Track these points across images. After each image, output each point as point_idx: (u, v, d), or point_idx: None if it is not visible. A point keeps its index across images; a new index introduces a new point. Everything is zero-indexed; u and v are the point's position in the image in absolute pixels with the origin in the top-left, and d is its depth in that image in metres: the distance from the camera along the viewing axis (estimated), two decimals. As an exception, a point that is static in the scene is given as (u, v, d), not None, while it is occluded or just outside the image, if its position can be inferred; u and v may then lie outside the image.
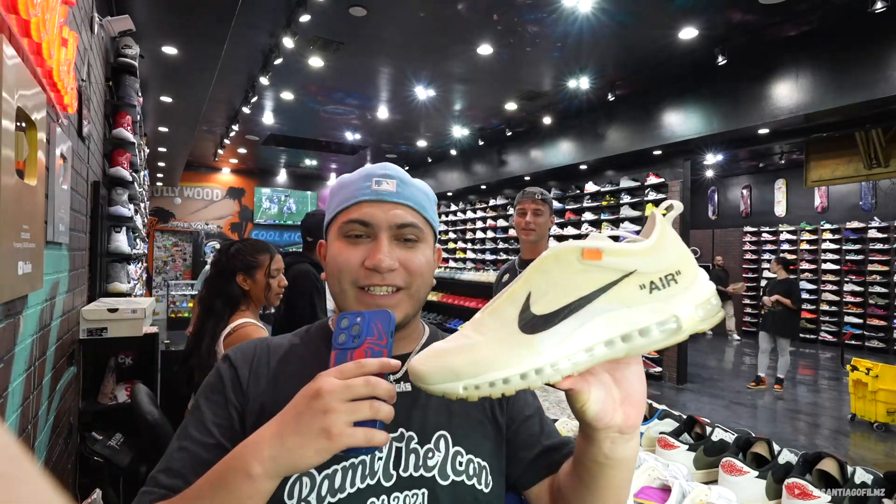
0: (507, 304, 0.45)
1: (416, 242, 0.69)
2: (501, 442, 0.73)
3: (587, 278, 0.43)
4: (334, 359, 0.57)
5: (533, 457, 0.74)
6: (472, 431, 0.69)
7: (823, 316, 9.00)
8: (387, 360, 0.54)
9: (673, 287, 0.43)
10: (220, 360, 0.71)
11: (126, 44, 3.25)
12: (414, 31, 4.52)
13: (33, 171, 1.30)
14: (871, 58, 4.07)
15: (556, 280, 0.44)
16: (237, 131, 7.72)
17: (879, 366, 4.40)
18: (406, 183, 0.70)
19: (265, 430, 0.54)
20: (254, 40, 4.69)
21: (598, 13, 4.08)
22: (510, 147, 8.19)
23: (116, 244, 3.04)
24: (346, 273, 0.67)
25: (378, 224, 0.67)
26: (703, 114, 5.42)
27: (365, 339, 0.56)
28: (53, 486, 0.17)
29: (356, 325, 0.57)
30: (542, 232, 2.13)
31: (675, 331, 0.43)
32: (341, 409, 0.50)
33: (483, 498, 0.66)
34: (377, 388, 0.52)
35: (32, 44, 1.28)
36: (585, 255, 0.43)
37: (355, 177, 0.71)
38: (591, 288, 0.43)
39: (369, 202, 0.68)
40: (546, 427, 0.77)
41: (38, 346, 1.58)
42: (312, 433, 0.50)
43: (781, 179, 9.88)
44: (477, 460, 0.67)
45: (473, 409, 0.71)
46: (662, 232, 0.44)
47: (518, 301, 0.45)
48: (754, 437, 1.03)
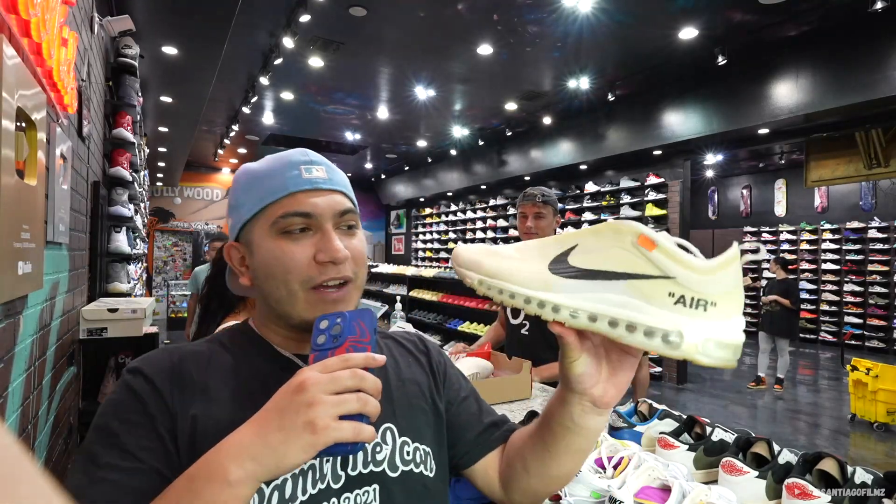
0: (553, 244, 0.50)
1: (354, 228, 0.67)
2: (442, 426, 0.74)
3: (629, 259, 0.45)
4: (313, 360, 0.54)
5: (476, 434, 0.76)
6: (414, 420, 0.70)
7: (823, 316, 9.00)
8: (371, 354, 0.52)
9: (699, 311, 0.43)
10: (127, 373, 0.60)
11: (126, 44, 3.25)
12: (414, 31, 4.52)
13: (33, 171, 1.30)
14: (871, 58, 4.07)
15: (603, 246, 0.46)
16: (237, 131, 7.72)
17: (879, 366, 4.40)
18: (331, 168, 0.67)
19: (241, 431, 0.50)
20: (254, 40, 4.69)
21: (598, 13, 4.08)
22: (510, 147, 8.19)
23: (116, 244, 3.04)
24: (296, 273, 0.61)
25: (322, 214, 0.62)
26: (703, 114, 5.42)
27: (347, 338, 0.54)
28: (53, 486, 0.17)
29: (336, 326, 0.55)
30: (544, 235, 2.04)
31: (673, 346, 0.43)
32: (327, 402, 0.48)
33: (430, 483, 0.67)
34: (364, 380, 0.50)
35: (32, 44, 1.28)
36: (640, 241, 0.44)
37: (272, 166, 0.64)
38: (627, 268, 0.45)
39: (306, 192, 0.62)
40: (483, 405, 0.80)
41: (38, 346, 1.58)
42: (297, 428, 0.48)
43: (781, 179, 9.88)
44: (423, 447, 0.68)
45: (414, 397, 0.71)
46: (727, 265, 0.43)
47: (564, 246, 0.48)
48: (754, 437, 1.03)
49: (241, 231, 0.65)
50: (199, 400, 0.59)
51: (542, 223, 2.02)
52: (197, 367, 0.62)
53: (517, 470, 0.71)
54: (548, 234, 2.05)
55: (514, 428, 0.78)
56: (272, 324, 0.67)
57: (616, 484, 0.87)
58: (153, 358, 0.63)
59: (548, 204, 2.02)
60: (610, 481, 0.88)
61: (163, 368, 0.61)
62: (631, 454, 0.94)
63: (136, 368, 0.61)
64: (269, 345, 0.67)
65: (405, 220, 13.25)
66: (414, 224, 12.76)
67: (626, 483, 0.86)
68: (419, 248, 12.36)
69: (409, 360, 0.76)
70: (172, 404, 0.58)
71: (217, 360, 0.64)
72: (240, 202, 0.65)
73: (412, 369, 0.75)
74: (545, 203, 2.02)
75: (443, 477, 0.72)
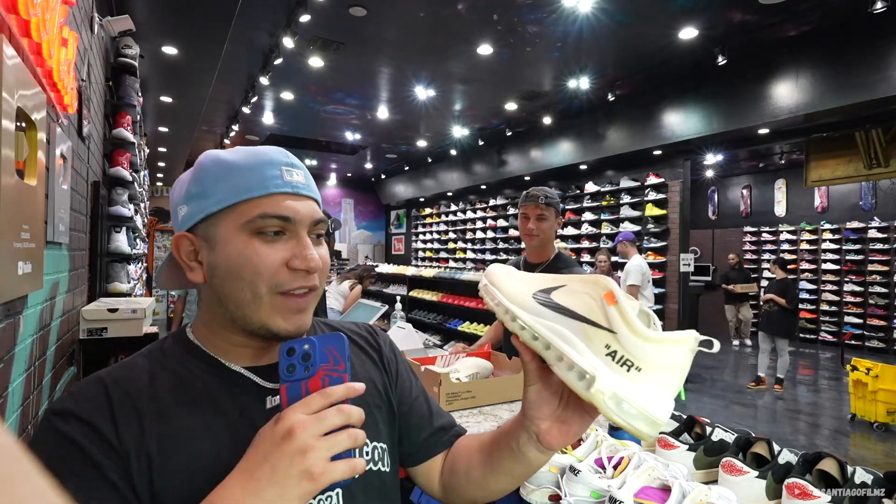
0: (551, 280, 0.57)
1: (322, 238, 0.65)
2: (395, 422, 0.75)
3: (592, 307, 0.51)
4: (286, 392, 0.51)
5: (426, 437, 0.77)
6: (372, 419, 0.70)
7: (823, 316, 9.00)
8: (352, 385, 0.51)
9: (622, 369, 0.47)
10: (55, 417, 0.52)
11: (126, 44, 3.25)
12: (414, 31, 4.52)
13: (33, 171, 1.30)
14: (871, 58, 4.07)
15: (582, 291, 0.53)
16: (237, 131, 7.72)
17: (879, 366, 4.40)
18: (308, 174, 0.65)
19: (229, 487, 0.47)
20: (254, 40, 4.69)
21: (597, 13, 4.08)
22: (510, 147, 8.19)
23: (116, 244, 3.04)
24: (265, 276, 0.57)
25: (301, 220, 0.60)
26: (703, 114, 5.42)
27: (319, 366, 0.52)
28: (53, 486, 0.17)
29: (306, 353, 0.52)
30: (546, 237, 2.04)
31: (585, 386, 0.47)
32: (320, 446, 0.47)
33: (386, 478, 0.69)
34: (351, 415, 0.50)
35: (32, 44, 1.28)
36: (606, 295, 0.50)
37: (251, 160, 0.60)
38: (586, 313, 0.51)
39: (285, 195, 0.59)
40: (433, 406, 0.81)
41: (38, 346, 1.58)
42: (292, 479, 0.46)
43: (781, 179, 9.88)
44: (380, 445, 0.69)
45: (370, 395, 0.71)
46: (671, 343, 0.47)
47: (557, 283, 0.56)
48: (754, 437, 1.03)
49: (201, 223, 0.59)
50: (148, 431, 0.54)
51: (543, 225, 2.01)
52: (139, 394, 0.56)
53: (459, 476, 0.73)
54: (549, 236, 2.05)
55: (460, 433, 0.81)
56: (223, 330, 0.62)
57: (616, 484, 0.87)
58: (84, 393, 0.55)
59: (550, 206, 2.01)
60: (610, 481, 0.88)
61: (98, 405, 0.54)
62: (631, 454, 0.94)
63: (64, 411, 0.53)
64: (215, 358, 0.62)
65: (405, 220, 13.25)
66: (414, 224, 12.76)
67: (626, 483, 0.86)
68: (419, 248, 12.36)
69: (363, 357, 0.76)
70: (119, 444, 0.52)
71: (160, 381, 0.58)
72: (206, 191, 0.59)
73: (366, 367, 0.74)
74: (548, 205, 2.01)
75: (396, 471, 0.74)
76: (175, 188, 0.63)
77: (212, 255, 0.59)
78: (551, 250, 2.10)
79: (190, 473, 0.53)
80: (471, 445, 0.75)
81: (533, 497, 0.98)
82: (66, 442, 0.51)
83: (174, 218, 0.62)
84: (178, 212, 0.61)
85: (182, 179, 0.63)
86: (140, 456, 0.52)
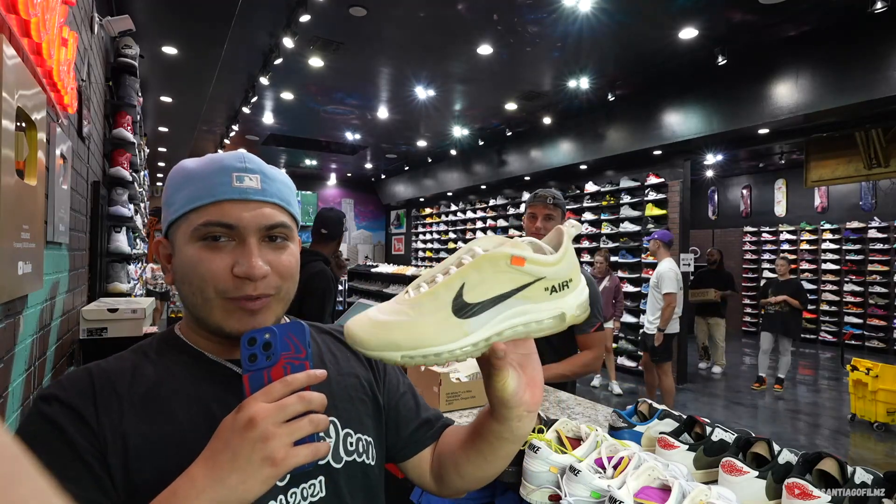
0: (444, 290, 0.54)
1: (285, 241, 0.64)
2: (381, 417, 0.77)
3: (511, 277, 0.54)
4: (248, 381, 0.53)
5: (413, 430, 0.80)
6: (356, 411, 0.72)
7: (823, 316, 9.00)
8: (313, 371, 0.53)
9: (565, 291, 0.57)
10: (41, 401, 0.56)
11: (126, 44, 3.25)
12: (414, 31, 4.52)
13: (33, 171, 1.30)
14: (871, 58, 4.07)
15: (487, 277, 0.53)
16: (237, 131, 7.72)
17: (879, 366, 4.40)
18: (270, 177, 0.64)
19: (192, 474, 0.49)
20: (254, 40, 4.69)
21: (598, 13, 4.08)
22: (510, 147, 8.19)
23: (116, 244, 3.04)
24: (210, 282, 0.59)
25: (245, 227, 0.60)
26: (703, 114, 5.42)
27: (280, 355, 0.53)
28: (53, 486, 0.17)
29: (267, 343, 0.53)
30: None
31: (560, 323, 0.56)
32: (281, 433, 0.48)
33: (370, 471, 0.71)
34: (312, 401, 0.51)
35: (32, 44, 1.28)
36: (513, 261, 0.53)
37: (206, 168, 0.61)
38: (513, 285, 0.54)
39: (231, 201, 0.60)
40: (419, 401, 0.84)
41: (38, 346, 1.58)
42: (254, 465, 0.48)
43: (781, 179, 9.88)
44: (364, 437, 0.71)
45: (353, 389, 0.73)
46: (567, 246, 0.57)
47: (453, 289, 0.53)
48: (754, 437, 1.03)
49: (169, 229, 0.63)
50: (128, 416, 0.56)
51: (550, 225, 2.04)
52: (121, 381, 0.59)
53: (449, 470, 0.76)
54: None
55: (448, 423, 0.84)
56: (197, 327, 0.65)
57: (616, 484, 0.87)
58: (70, 380, 0.58)
59: (558, 207, 2.06)
60: (610, 481, 0.88)
61: (82, 390, 0.57)
62: (631, 454, 0.94)
63: (49, 395, 0.56)
64: (200, 352, 0.65)
65: (405, 220, 13.25)
66: (414, 224, 12.76)
67: (626, 483, 0.86)
68: (419, 248, 12.36)
69: (347, 354, 0.77)
70: (98, 427, 0.55)
71: (143, 371, 0.61)
72: (170, 200, 0.62)
73: (350, 363, 0.76)
74: (555, 206, 2.05)
75: (381, 464, 0.75)
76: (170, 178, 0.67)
77: (174, 261, 0.63)
78: None
79: (164, 458, 0.55)
80: (457, 435, 0.77)
81: (533, 497, 0.98)
82: (46, 422, 0.54)
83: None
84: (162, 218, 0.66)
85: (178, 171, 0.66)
86: (116, 440, 0.55)
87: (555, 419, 1.11)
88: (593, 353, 2.00)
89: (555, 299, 0.56)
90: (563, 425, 1.07)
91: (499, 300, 0.54)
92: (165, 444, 0.56)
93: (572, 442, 1.04)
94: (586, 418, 1.48)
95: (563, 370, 1.95)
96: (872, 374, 4.38)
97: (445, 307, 0.53)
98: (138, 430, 0.56)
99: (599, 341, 2.03)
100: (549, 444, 0.99)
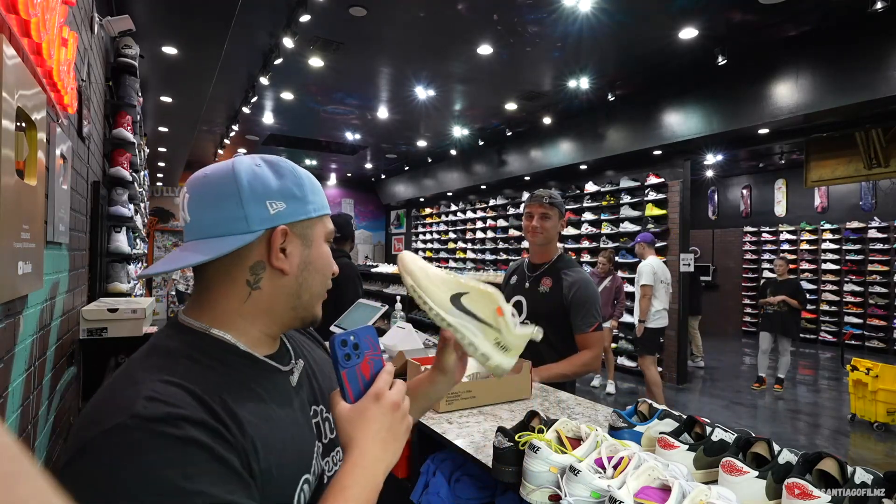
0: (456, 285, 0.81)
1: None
2: None
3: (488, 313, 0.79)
4: (347, 376, 0.66)
5: None
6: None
7: (823, 316, 9.00)
8: (391, 365, 0.70)
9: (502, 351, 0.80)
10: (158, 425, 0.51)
11: (126, 44, 3.25)
12: (414, 31, 4.52)
13: (33, 171, 1.30)
14: (871, 58, 4.06)
15: (481, 303, 0.80)
16: (237, 131, 7.72)
17: (879, 366, 4.40)
18: None
19: (363, 452, 0.63)
20: (254, 40, 4.69)
21: (598, 13, 4.08)
22: (510, 147, 8.19)
23: (116, 244, 3.04)
24: (330, 277, 0.75)
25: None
26: (703, 114, 5.42)
27: (364, 353, 0.68)
28: (53, 486, 0.17)
29: (356, 344, 0.67)
30: (549, 235, 2.10)
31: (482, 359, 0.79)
32: (407, 408, 0.68)
33: None
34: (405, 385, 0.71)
35: (32, 44, 1.28)
36: (497, 309, 0.79)
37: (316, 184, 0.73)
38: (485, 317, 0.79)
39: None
40: None
41: (38, 346, 1.58)
42: (402, 435, 0.67)
43: (781, 179, 9.88)
44: None
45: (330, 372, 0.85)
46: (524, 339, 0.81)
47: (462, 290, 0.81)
48: (754, 437, 1.03)
49: (299, 222, 0.68)
50: (245, 421, 0.58)
51: (547, 224, 2.08)
52: (213, 391, 0.58)
53: None
54: (553, 235, 2.12)
55: None
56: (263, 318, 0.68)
57: (616, 484, 0.87)
58: (173, 398, 0.54)
59: (554, 206, 2.08)
60: (610, 481, 0.88)
61: (193, 404, 0.54)
62: (631, 454, 0.94)
63: (168, 416, 0.52)
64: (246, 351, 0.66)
65: (405, 220, 13.24)
66: (414, 224, 12.75)
67: (626, 483, 0.86)
68: (419, 248, 12.36)
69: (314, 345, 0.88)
70: (233, 438, 0.55)
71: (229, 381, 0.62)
72: (307, 197, 0.69)
73: (322, 354, 0.88)
74: (552, 205, 2.08)
75: None
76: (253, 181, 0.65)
77: (306, 252, 0.69)
78: (554, 251, 2.16)
79: (279, 451, 0.62)
80: None
81: (533, 497, 0.98)
82: (188, 444, 0.51)
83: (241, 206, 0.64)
84: (269, 206, 0.65)
85: (260, 174, 0.66)
86: (247, 444, 0.57)
87: (555, 419, 1.11)
88: (592, 352, 2.02)
89: (493, 348, 0.79)
90: (563, 425, 1.07)
91: (472, 316, 0.80)
92: (275, 440, 0.62)
93: (572, 442, 1.04)
94: (586, 418, 1.48)
95: (564, 370, 1.97)
96: (872, 374, 4.38)
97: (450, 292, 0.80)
98: (258, 432, 0.59)
99: (598, 341, 2.04)
100: (549, 444, 0.99)
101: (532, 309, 2.09)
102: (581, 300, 2.02)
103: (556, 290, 2.06)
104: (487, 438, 1.28)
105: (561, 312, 2.04)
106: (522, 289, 2.16)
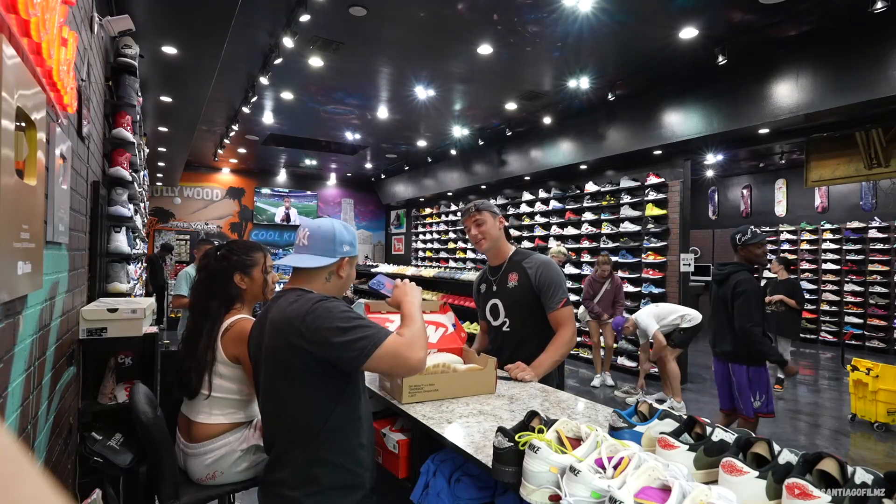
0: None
1: None
2: None
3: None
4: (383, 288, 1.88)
5: None
6: None
7: (824, 316, 9.00)
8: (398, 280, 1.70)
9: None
10: (334, 301, 1.36)
11: (126, 44, 3.24)
12: (414, 31, 4.52)
13: (33, 171, 1.30)
14: (871, 58, 4.07)
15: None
16: (237, 131, 7.72)
17: (880, 366, 4.40)
18: None
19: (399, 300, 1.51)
20: (254, 40, 4.69)
21: (598, 13, 4.08)
22: (510, 147, 8.19)
23: (116, 244, 3.04)
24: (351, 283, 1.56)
25: None
26: (703, 114, 5.42)
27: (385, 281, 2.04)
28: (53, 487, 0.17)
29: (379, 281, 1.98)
30: (493, 236, 2.23)
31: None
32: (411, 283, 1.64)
33: None
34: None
35: (32, 44, 1.28)
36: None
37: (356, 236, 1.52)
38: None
39: None
40: None
41: (37, 346, 1.58)
42: (414, 289, 1.55)
43: (781, 179, 9.88)
44: None
45: None
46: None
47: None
48: (754, 437, 1.03)
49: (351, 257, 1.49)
50: None
51: (484, 228, 2.22)
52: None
53: None
54: (496, 235, 2.25)
55: None
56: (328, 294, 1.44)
57: (616, 484, 0.87)
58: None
59: (481, 210, 2.23)
60: (610, 481, 0.88)
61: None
62: (631, 454, 0.94)
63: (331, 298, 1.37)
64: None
65: (405, 220, 13.24)
66: (414, 224, 12.75)
67: (626, 483, 0.86)
68: (419, 248, 12.36)
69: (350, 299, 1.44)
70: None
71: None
72: (355, 246, 1.50)
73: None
74: (479, 210, 2.22)
75: None
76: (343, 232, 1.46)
77: (349, 271, 1.49)
78: (507, 249, 2.29)
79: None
80: None
81: (533, 497, 0.98)
82: (346, 306, 1.36)
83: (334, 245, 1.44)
84: (343, 246, 1.45)
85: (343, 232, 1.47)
86: None
87: (555, 419, 1.11)
88: (567, 329, 2.13)
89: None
90: (564, 425, 1.07)
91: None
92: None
93: (572, 442, 1.04)
94: (586, 418, 1.48)
95: (554, 356, 2.07)
96: (873, 374, 4.38)
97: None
98: None
99: (569, 316, 2.15)
100: (550, 444, 0.99)
101: (509, 305, 2.20)
102: (546, 281, 2.14)
103: (523, 280, 2.18)
104: (487, 438, 1.28)
105: (534, 298, 2.16)
106: (492, 292, 2.27)
